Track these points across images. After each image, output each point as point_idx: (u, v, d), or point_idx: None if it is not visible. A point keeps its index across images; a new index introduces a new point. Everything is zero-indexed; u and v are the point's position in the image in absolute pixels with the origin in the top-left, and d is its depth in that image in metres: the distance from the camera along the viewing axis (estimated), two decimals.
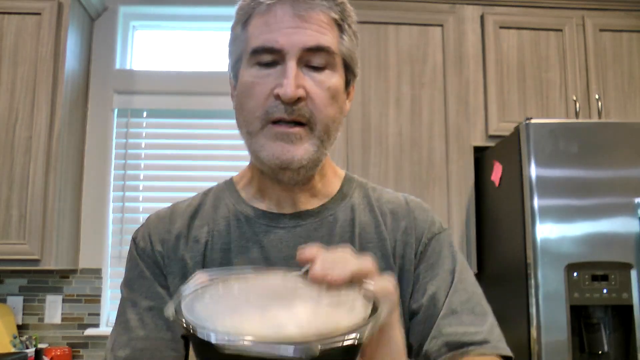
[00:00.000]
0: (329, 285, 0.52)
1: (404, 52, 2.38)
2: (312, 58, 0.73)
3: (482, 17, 2.43)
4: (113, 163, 2.63)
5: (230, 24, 0.81)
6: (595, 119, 2.35)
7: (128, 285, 0.83)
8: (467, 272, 0.82)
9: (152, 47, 2.82)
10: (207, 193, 0.88)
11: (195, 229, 0.83)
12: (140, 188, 2.64)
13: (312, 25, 0.72)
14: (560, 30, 2.44)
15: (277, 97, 0.72)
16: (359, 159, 2.30)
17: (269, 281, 0.58)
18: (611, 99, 2.42)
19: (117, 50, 2.69)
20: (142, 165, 2.65)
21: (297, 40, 0.72)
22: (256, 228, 0.81)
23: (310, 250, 0.55)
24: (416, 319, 0.77)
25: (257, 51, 0.73)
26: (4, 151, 2.20)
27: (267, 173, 0.79)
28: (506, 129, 2.22)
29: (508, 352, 0.76)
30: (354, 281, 0.53)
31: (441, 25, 2.41)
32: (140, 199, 2.62)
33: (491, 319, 0.79)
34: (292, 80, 0.70)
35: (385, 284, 0.54)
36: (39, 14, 2.28)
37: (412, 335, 0.77)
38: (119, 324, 0.81)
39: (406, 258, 0.80)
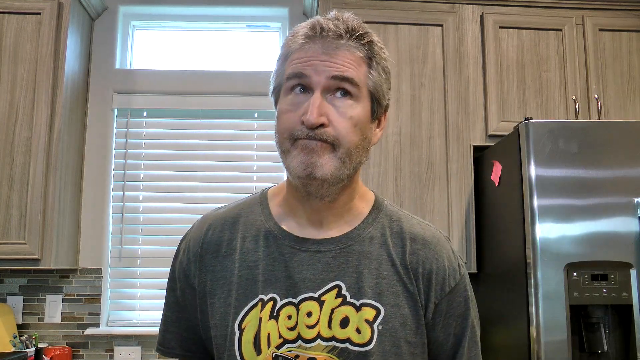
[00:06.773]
0: None
1: (404, 52, 2.38)
2: (337, 89, 0.83)
3: (482, 17, 2.43)
4: (113, 163, 2.63)
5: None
6: (595, 119, 2.36)
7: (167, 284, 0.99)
8: (475, 312, 0.94)
9: (152, 47, 2.82)
10: (242, 205, 0.97)
11: (227, 242, 0.93)
12: (140, 188, 2.64)
13: (337, 60, 0.83)
14: (560, 30, 2.44)
15: (302, 122, 0.82)
16: None
17: None
18: (611, 98, 2.42)
19: (117, 50, 2.69)
20: (142, 165, 2.65)
21: (322, 71, 0.82)
22: (282, 249, 0.89)
23: None
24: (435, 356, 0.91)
25: (290, 77, 0.84)
26: (4, 151, 2.20)
27: (298, 188, 0.87)
28: (506, 128, 2.22)
29: None
30: None
31: (441, 25, 2.41)
32: (140, 199, 2.63)
33: None
34: (315, 108, 0.81)
35: None
36: (39, 13, 2.28)
37: None
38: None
39: (430, 295, 0.89)
